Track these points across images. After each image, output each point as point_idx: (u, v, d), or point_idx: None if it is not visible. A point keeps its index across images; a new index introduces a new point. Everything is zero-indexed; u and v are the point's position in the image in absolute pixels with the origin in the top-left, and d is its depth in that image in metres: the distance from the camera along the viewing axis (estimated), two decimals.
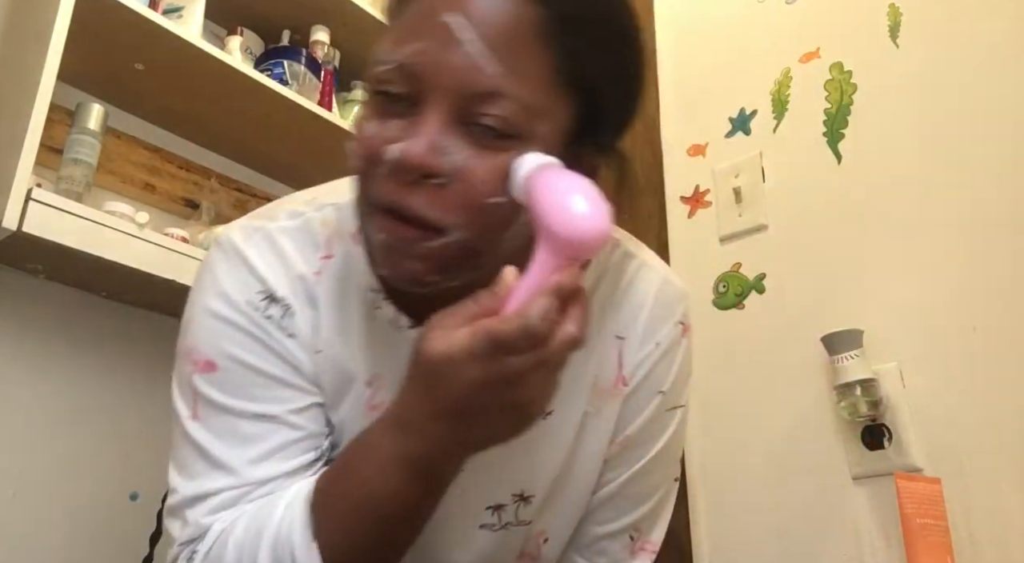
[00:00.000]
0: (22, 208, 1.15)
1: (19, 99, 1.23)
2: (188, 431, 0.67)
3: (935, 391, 1.16)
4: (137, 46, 1.40)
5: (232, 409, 0.67)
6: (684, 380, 0.81)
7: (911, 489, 1.05)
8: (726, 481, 1.34)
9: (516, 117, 0.59)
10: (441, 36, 0.58)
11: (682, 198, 1.56)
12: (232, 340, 0.68)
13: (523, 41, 0.59)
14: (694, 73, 1.62)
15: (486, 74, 0.58)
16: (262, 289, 0.69)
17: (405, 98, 0.60)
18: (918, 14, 1.33)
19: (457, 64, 0.58)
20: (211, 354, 0.68)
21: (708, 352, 1.42)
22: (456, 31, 0.58)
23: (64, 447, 1.37)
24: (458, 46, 0.58)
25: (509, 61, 0.58)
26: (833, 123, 1.38)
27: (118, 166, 1.52)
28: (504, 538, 0.76)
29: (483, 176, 0.59)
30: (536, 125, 0.60)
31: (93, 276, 1.35)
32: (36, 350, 1.37)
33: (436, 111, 0.58)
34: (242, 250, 0.70)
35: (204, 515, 0.64)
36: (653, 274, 0.79)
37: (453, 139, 0.58)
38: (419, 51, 0.59)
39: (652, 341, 0.77)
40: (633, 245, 0.81)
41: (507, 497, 0.75)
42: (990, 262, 1.16)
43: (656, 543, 0.82)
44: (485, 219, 0.60)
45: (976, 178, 1.20)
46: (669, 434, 0.80)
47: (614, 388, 0.77)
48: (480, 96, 0.58)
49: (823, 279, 1.32)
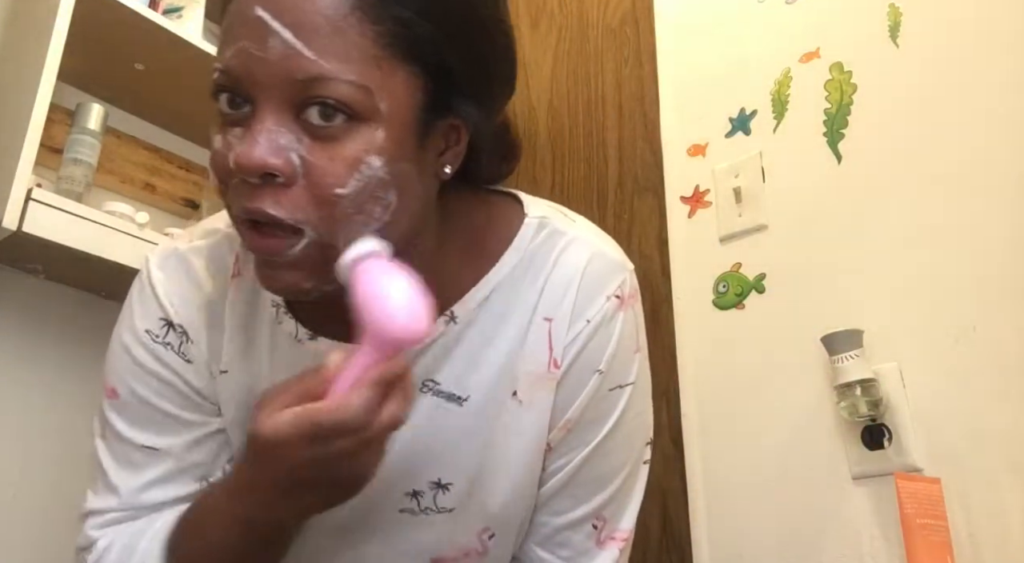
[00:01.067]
0: (22, 208, 1.15)
1: (19, 99, 1.23)
2: (96, 449, 0.74)
3: (935, 391, 1.16)
4: (137, 46, 1.41)
5: (126, 438, 0.72)
6: (627, 357, 0.76)
7: (911, 489, 1.05)
8: (726, 481, 1.34)
9: (348, 98, 0.56)
10: (255, 32, 0.56)
11: (682, 198, 1.56)
12: (131, 373, 0.73)
13: (340, 20, 0.56)
14: (694, 73, 1.62)
15: (306, 60, 0.56)
16: (162, 316, 0.73)
17: (240, 103, 0.58)
18: (918, 14, 1.33)
19: (274, 56, 0.56)
20: (115, 382, 0.74)
21: (708, 352, 1.43)
22: (267, 23, 0.56)
23: (64, 447, 1.37)
24: (272, 38, 0.56)
25: (328, 43, 0.56)
26: (833, 123, 1.38)
27: (118, 166, 1.52)
28: (430, 528, 0.75)
29: (327, 167, 0.57)
30: (373, 103, 0.57)
31: (93, 276, 1.35)
32: (36, 350, 1.38)
33: (267, 109, 0.57)
34: (152, 276, 0.75)
35: (93, 528, 0.72)
36: (582, 249, 0.75)
37: (290, 135, 0.57)
38: (238, 51, 0.57)
39: (582, 319, 0.74)
40: (564, 222, 0.77)
41: (423, 484, 0.74)
42: (990, 262, 1.16)
43: (626, 531, 0.78)
44: (337, 212, 0.57)
45: (976, 177, 1.20)
46: (617, 415, 0.76)
47: (547, 372, 0.73)
48: (304, 83, 0.56)
49: (823, 279, 1.32)
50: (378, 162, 0.58)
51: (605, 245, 0.78)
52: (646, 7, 1.72)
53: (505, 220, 0.76)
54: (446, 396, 0.73)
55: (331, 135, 0.57)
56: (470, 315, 0.72)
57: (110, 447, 0.73)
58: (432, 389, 0.73)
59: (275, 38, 0.56)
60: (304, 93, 0.56)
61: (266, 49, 0.56)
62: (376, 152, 0.58)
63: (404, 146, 0.60)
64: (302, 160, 0.57)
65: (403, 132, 0.59)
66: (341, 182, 0.57)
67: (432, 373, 0.72)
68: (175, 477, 0.72)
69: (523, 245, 0.74)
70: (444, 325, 0.72)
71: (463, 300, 0.72)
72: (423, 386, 0.72)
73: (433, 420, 0.73)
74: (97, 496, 0.73)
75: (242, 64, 0.57)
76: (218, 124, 0.60)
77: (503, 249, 0.74)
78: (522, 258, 0.74)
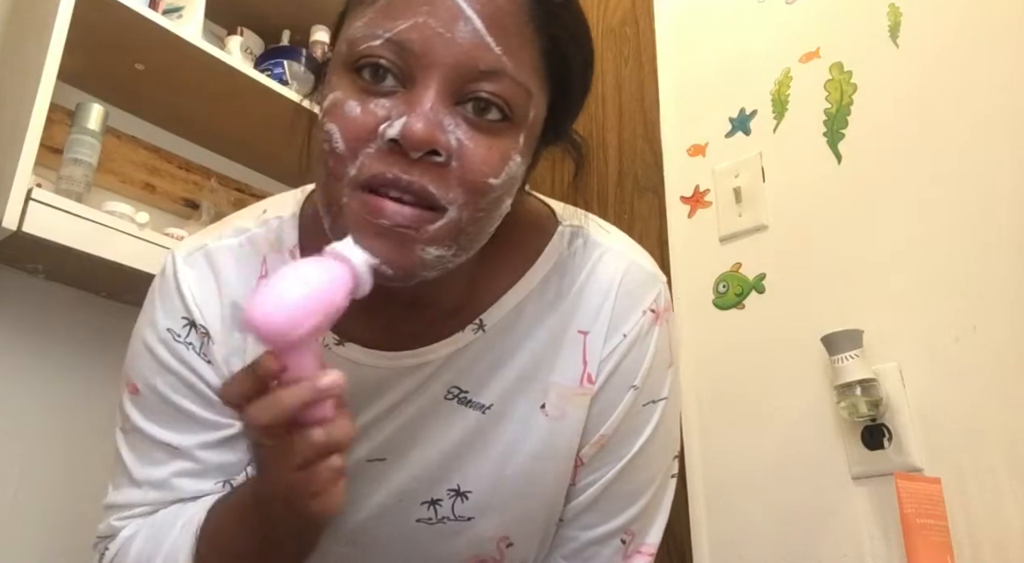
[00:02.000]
0: (22, 208, 1.15)
1: (19, 99, 1.23)
2: (118, 443, 0.73)
3: (935, 391, 1.16)
4: (137, 46, 1.40)
5: (147, 433, 0.71)
6: (661, 371, 0.75)
7: (911, 489, 1.05)
8: (726, 481, 1.34)
9: (513, 99, 0.58)
10: (444, 13, 0.56)
11: (682, 198, 1.56)
12: (152, 370, 0.72)
13: (519, 24, 0.58)
14: (694, 73, 1.62)
15: (492, 53, 0.56)
16: (185, 316, 0.72)
17: (395, 75, 0.57)
18: (918, 14, 1.33)
19: (463, 41, 0.56)
20: (136, 379, 0.73)
21: (708, 352, 1.43)
22: (461, 7, 0.56)
23: (64, 446, 1.37)
24: (462, 22, 0.56)
25: (509, 42, 0.57)
26: (833, 123, 1.38)
27: (118, 166, 1.52)
28: (445, 536, 0.74)
29: (483, 155, 0.57)
30: (527, 108, 0.59)
31: (93, 276, 1.35)
32: (36, 350, 1.37)
33: (432, 89, 0.56)
34: (178, 273, 0.73)
35: (116, 520, 0.71)
36: (617, 261, 0.75)
37: (450, 118, 0.57)
38: (417, 26, 0.56)
39: (619, 333, 0.73)
40: (598, 231, 0.77)
41: (442, 492, 0.73)
42: (990, 262, 1.16)
43: (652, 546, 0.78)
44: (480, 199, 0.58)
45: (976, 178, 1.20)
46: (651, 430, 0.75)
47: (580, 387, 0.72)
48: (481, 74, 0.57)
49: (823, 279, 1.32)
50: (519, 160, 0.60)
51: (640, 257, 0.77)
52: (646, 7, 1.72)
53: (537, 228, 0.75)
54: (469, 403, 0.72)
55: (487, 128, 0.58)
56: (499, 324, 0.72)
57: (131, 441, 0.72)
58: (456, 396, 0.72)
59: (467, 24, 0.56)
60: (475, 83, 0.57)
61: (454, 31, 0.56)
62: (518, 152, 0.60)
63: (527, 155, 0.62)
64: (459, 144, 0.57)
65: (531, 142, 0.62)
66: (495, 171, 0.58)
67: (457, 380, 0.72)
68: (196, 475, 0.71)
69: (555, 254, 0.74)
70: (472, 333, 0.71)
71: (492, 309, 0.72)
72: (448, 393, 0.72)
73: (455, 427, 0.72)
74: (118, 490, 0.72)
75: (422, 39, 0.56)
76: (349, 88, 0.58)
77: (534, 258, 0.73)
78: (554, 267, 0.73)
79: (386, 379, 0.71)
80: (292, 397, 0.52)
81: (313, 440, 0.52)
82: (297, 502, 0.55)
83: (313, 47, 1.70)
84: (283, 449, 0.53)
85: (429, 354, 0.71)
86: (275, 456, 0.54)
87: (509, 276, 0.73)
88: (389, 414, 0.72)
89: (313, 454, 0.53)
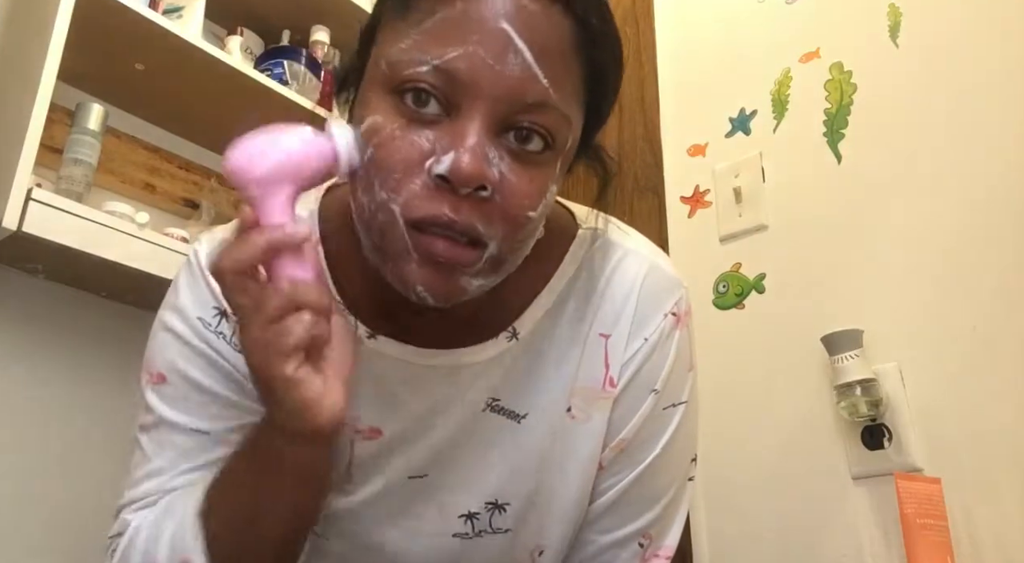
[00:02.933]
0: (22, 208, 1.15)
1: (19, 99, 1.23)
2: (138, 438, 0.71)
3: (935, 391, 1.16)
4: (137, 46, 1.41)
5: (175, 422, 0.70)
6: (681, 375, 0.75)
7: (911, 489, 1.05)
8: (726, 481, 1.34)
9: (556, 129, 0.58)
10: (495, 43, 0.55)
11: (682, 198, 1.56)
12: (181, 354, 0.70)
13: (564, 52, 0.58)
14: (694, 73, 1.62)
15: (540, 85, 0.56)
16: (216, 305, 0.70)
17: (440, 102, 0.56)
18: (918, 14, 1.33)
19: (512, 73, 0.55)
20: (162, 367, 0.71)
21: (708, 352, 1.42)
22: (511, 38, 0.55)
23: (64, 446, 1.37)
24: (512, 54, 0.55)
25: (556, 73, 0.57)
26: (833, 123, 1.38)
27: (118, 166, 1.52)
28: (483, 549, 0.74)
29: (525, 189, 0.58)
30: (567, 137, 0.60)
31: (93, 276, 1.35)
32: (36, 350, 1.38)
33: (478, 120, 0.56)
34: (204, 264, 0.72)
35: (129, 513, 0.69)
36: (638, 263, 0.74)
37: (494, 150, 0.57)
38: (467, 55, 0.55)
39: (640, 336, 0.72)
40: (619, 233, 0.77)
41: (480, 505, 0.73)
42: (990, 262, 1.16)
43: (670, 549, 0.77)
44: (519, 233, 0.59)
45: (976, 178, 1.20)
46: (670, 433, 0.74)
47: (602, 390, 0.72)
48: (528, 106, 0.56)
49: (823, 279, 1.32)
50: (554, 189, 0.61)
51: (660, 259, 0.77)
52: (646, 7, 1.72)
53: (558, 231, 0.74)
54: (507, 414, 0.72)
55: (529, 158, 0.58)
56: (530, 332, 0.71)
57: (155, 437, 0.70)
58: (492, 406, 0.71)
59: (517, 56, 0.55)
60: (522, 115, 0.57)
61: (504, 63, 0.55)
62: (554, 181, 0.60)
63: (561, 178, 0.62)
64: (502, 177, 0.57)
65: (563, 168, 0.62)
66: (534, 204, 0.58)
67: (494, 391, 0.71)
68: None
69: (577, 257, 0.74)
70: (506, 342, 0.71)
71: (523, 316, 0.71)
72: (486, 404, 0.71)
73: (494, 439, 0.72)
74: (136, 487, 0.70)
75: (471, 69, 0.55)
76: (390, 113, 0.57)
77: (558, 262, 0.73)
78: (576, 271, 0.73)
79: (419, 378, 0.70)
80: (256, 238, 0.54)
81: (280, 289, 0.54)
82: (278, 378, 0.54)
83: (313, 47, 1.70)
84: (254, 304, 0.54)
85: (462, 357, 0.70)
86: (248, 313, 0.55)
87: (536, 282, 0.72)
88: (427, 426, 0.71)
89: (279, 306, 0.54)
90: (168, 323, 0.72)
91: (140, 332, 0.78)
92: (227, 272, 0.55)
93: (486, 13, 0.56)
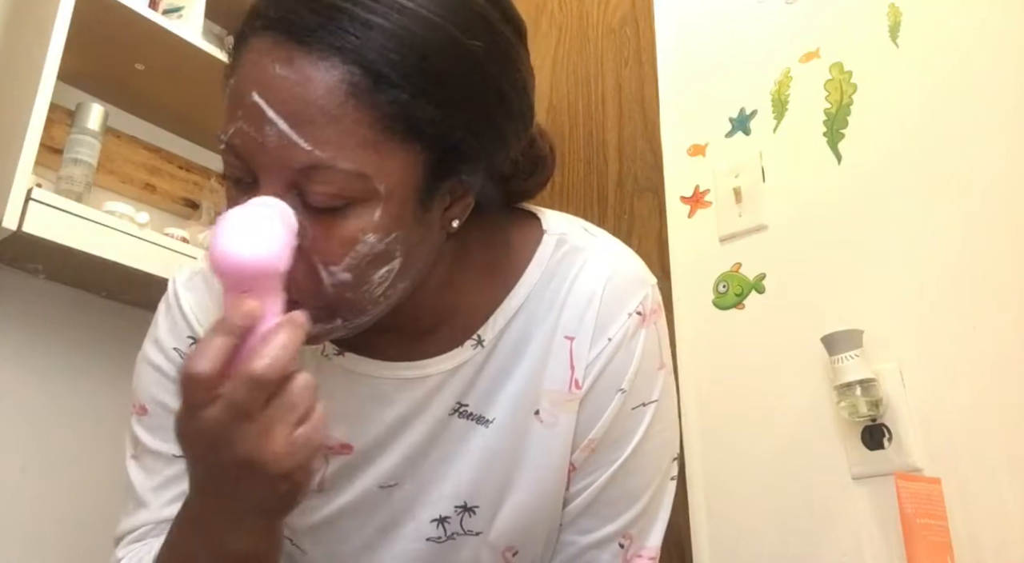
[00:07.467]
0: (22, 208, 1.15)
1: (19, 99, 1.23)
2: (127, 470, 0.74)
3: (935, 391, 1.16)
4: (137, 46, 1.41)
5: (159, 452, 0.72)
6: (650, 374, 0.75)
7: (911, 489, 1.05)
8: (726, 480, 1.34)
9: (343, 186, 0.56)
10: (253, 117, 0.56)
11: (682, 198, 1.56)
12: (159, 385, 0.73)
13: (335, 109, 0.55)
14: (694, 73, 1.62)
15: (300, 150, 0.55)
16: (190, 334, 0.74)
17: (244, 172, 0.59)
18: (918, 14, 1.33)
19: (271, 144, 0.56)
20: (144, 398, 0.74)
21: (708, 352, 1.43)
22: (263, 110, 0.56)
23: (64, 447, 1.37)
24: (268, 126, 0.56)
25: (322, 133, 0.55)
26: (833, 123, 1.38)
27: (118, 166, 1.52)
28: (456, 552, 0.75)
29: (321, 246, 0.57)
30: (371, 186, 0.57)
31: (93, 276, 1.35)
32: (36, 350, 1.38)
33: (270, 188, 0.57)
34: (179, 295, 0.76)
35: (122, 548, 0.71)
36: (602, 266, 0.74)
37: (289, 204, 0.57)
38: (238, 133, 0.58)
39: (604, 337, 0.73)
40: (583, 237, 0.76)
41: (450, 509, 0.73)
42: (990, 262, 1.16)
43: (653, 549, 0.77)
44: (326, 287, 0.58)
45: (976, 178, 1.20)
46: (642, 433, 0.75)
47: (568, 392, 0.73)
48: (301, 172, 0.56)
49: (823, 279, 1.32)
50: (373, 238, 0.58)
51: (626, 260, 0.77)
52: (646, 7, 1.72)
53: (523, 239, 0.75)
54: (474, 418, 0.73)
55: (327, 215, 0.57)
56: (496, 337, 0.72)
57: (142, 465, 0.74)
58: (459, 411, 0.73)
59: (271, 126, 0.56)
60: (304, 179, 0.56)
61: (263, 136, 0.56)
62: (372, 230, 0.58)
63: (403, 218, 0.60)
64: (303, 228, 0.57)
65: (403, 207, 0.59)
66: (335, 260, 0.58)
67: (461, 396, 0.73)
68: None
69: (542, 264, 0.74)
70: (472, 349, 0.72)
71: (488, 323, 0.72)
72: (453, 410, 0.73)
73: (463, 444, 0.73)
74: (129, 517, 0.72)
75: (243, 145, 0.58)
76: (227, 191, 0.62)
77: (522, 270, 0.74)
78: (542, 277, 0.74)
79: (387, 392, 0.72)
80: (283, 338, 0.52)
81: (297, 387, 0.52)
82: (310, 471, 0.52)
83: None
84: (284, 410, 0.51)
85: (429, 367, 0.71)
86: (274, 422, 0.51)
87: (498, 290, 0.73)
88: (396, 436, 0.72)
89: (309, 403, 0.52)
90: (147, 355, 0.75)
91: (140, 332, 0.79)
92: (271, 382, 0.51)
93: (242, 87, 0.58)
